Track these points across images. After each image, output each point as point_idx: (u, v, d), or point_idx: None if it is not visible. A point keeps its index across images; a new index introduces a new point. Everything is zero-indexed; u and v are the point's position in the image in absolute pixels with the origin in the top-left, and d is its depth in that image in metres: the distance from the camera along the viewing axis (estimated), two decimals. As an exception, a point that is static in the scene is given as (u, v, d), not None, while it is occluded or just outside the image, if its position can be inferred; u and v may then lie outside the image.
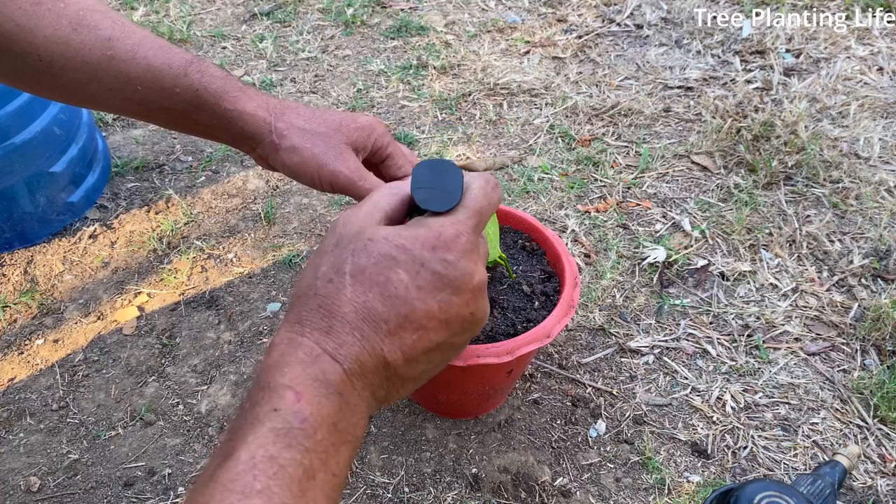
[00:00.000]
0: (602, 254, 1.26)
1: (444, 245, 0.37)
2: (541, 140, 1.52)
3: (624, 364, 1.08)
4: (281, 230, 1.32)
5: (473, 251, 0.39)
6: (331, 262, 0.38)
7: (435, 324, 0.37)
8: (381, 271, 0.37)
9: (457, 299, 0.38)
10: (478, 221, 0.40)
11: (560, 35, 1.88)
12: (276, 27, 1.95)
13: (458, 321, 0.38)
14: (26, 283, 1.21)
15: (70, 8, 0.55)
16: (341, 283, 0.37)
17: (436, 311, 0.37)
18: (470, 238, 0.39)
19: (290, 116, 0.62)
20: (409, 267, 0.37)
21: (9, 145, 1.16)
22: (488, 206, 0.41)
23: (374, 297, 0.36)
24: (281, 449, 0.31)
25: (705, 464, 0.96)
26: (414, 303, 0.36)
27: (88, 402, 1.04)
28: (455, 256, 0.37)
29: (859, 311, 1.15)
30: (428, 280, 0.37)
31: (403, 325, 0.36)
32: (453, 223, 0.39)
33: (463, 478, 0.94)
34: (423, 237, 0.37)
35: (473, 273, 0.38)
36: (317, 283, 0.37)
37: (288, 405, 0.33)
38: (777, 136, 1.46)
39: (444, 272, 0.37)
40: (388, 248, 0.37)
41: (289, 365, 0.34)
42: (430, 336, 0.37)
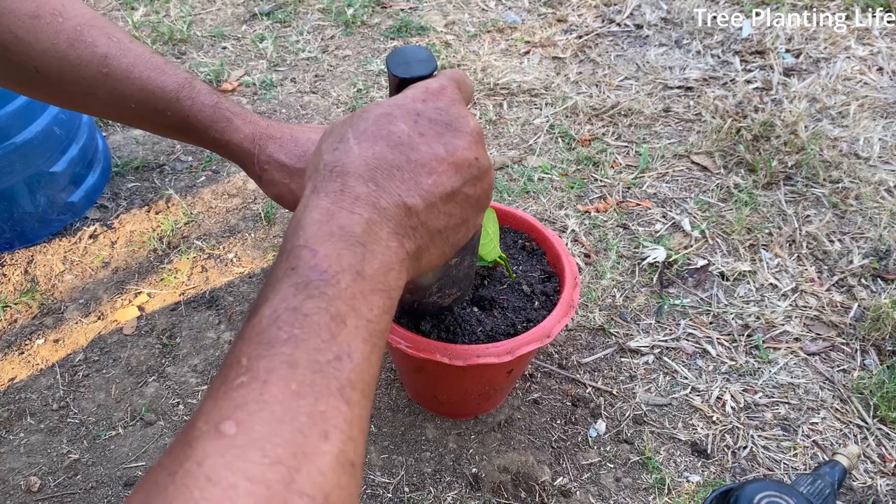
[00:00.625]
0: (602, 254, 1.26)
1: (432, 96, 0.40)
2: (541, 140, 1.52)
3: (624, 364, 1.08)
4: (281, 230, 1.32)
5: (461, 102, 0.41)
6: (332, 138, 0.39)
7: (445, 167, 0.38)
8: (382, 126, 0.38)
9: (459, 142, 0.39)
10: (458, 85, 0.42)
11: (560, 35, 1.88)
12: (276, 27, 1.95)
13: (466, 165, 0.39)
14: (27, 283, 1.21)
15: (69, 23, 0.55)
16: (347, 147, 0.38)
17: (443, 154, 0.38)
18: (455, 91, 0.41)
19: (272, 149, 0.65)
20: (407, 118, 0.38)
21: (9, 145, 1.16)
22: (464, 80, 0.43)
23: (381, 147, 0.37)
24: (303, 300, 0.31)
25: (705, 464, 0.96)
26: (420, 147, 0.38)
27: (89, 401, 1.04)
28: (446, 103, 0.40)
29: (859, 311, 1.15)
30: (427, 126, 0.39)
31: (416, 170, 0.38)
32: (436, 80, 0.41)
33: (463, 477, 0.94)
34: (413, 93, 0.40)
35: (467, 117, 0.40)
36: (324, 157, 0.39)
37: (304, 262, 0.33)
38: (777, 136, 1.46)
39: (439, 118, 0.39)
40: (382, 109, 0.39)
41: (304, 227, 0.35)
42: (444, 180, 0.38)
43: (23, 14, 0.53)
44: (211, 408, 0.27)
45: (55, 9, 0.54)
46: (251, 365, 0.29)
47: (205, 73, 1.73)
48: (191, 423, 0.27)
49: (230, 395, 0.28)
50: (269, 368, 0.29)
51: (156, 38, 1.87)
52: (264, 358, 0.29)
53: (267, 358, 0.29)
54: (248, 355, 0.29)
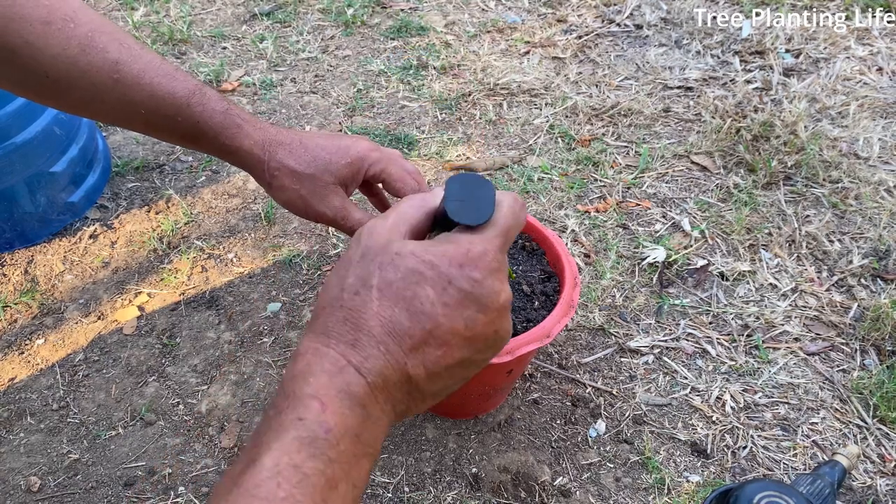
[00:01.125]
0: (602, 254, 1.26)
1: (471, 263, 0.37)
2: (541, 140, 1.52)
3: (624, 364, 1.08)
4: (281, 230, 1.32)
5: (500, 270, 0.39)
6: (357, 274, 0.38)
7: (459, 341, 0.37)
8: (409, 286, 0.37)
9: (482, 317, 0.38)
10: (504, 241, 0.40)
11: (560, 35, 1.88)
12: (276, 27, 1.95)
13: (482, 339, 0.38)
14: (27, 283, 1.21)
15: (80, 29, 0.55)
16: (368, 297, 0.37)
17: (461, 329, 0.37)
18: (496, 256, 0.39)
19: (281, 155, 0.65)
20: (437, 283, 0.37)
21: (9, 145, 1.16)
22: (515, 226, 0.41)
23: (400, 311, 0.36)
24: (305, 458, 0.31)
25: (705, 463, 0.96)
26: (439, 319, 0.36)
27: (89, 401, 1.04)
28: (482, 275, 0.37)
29: (859, 311, 1.15)
30: (454, 297, 0.37)
31: (428, 341, 0.36)
32: (481, 241, 0.38)
33: (463, 477, 0.94)
34: (452, 254, 0.37)
35: (500, 292, 0.38)
36: (343, 296, 0.37)
37: (313, 415, 0.33)
38: (777, 136, 1.46)
39: (470, 290, 0.37)
40: (415, 264, 0.37)
41: (314, 375, 0.34)
42: (454, 353, 0.37)
43: (34, 19, 0.53)
44: None
45: (66, 14, 0.54)
46: None
47: (205, 73, 1.73)
48: None
49: None
50: None
51: (156, 38, 1.88)
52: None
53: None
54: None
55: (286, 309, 1.17)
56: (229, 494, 0.30)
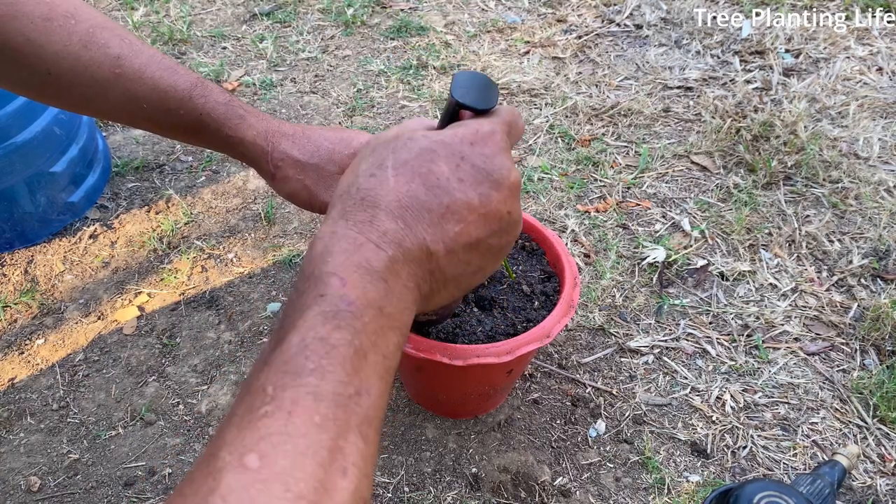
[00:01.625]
0: (602, 254, 1.26)
1: (482, 140, 0.39)
2: (541, 140, 1.52)
3: (624, 364, 1.08)
4: (281, 230, 1.32)
5: (508, 150, 0.40)
6: (371, 160, 0.39)
7: (475, 217, 0.38)
8: (423, 163, 0.37)
9: (496, 194, 0.38)
10: (509, 130, 0.41)
11: (560, 35, 1.88)
12: (276, 27, 1.95)
13: (496, 218, 0.39)
14: (27, 283, 1.21)
15: (81, 25, 0.55)
16: (384, 177, 0.37)
17: (476, 204, 0.38)
18: (504, 138, 0.40)
19: (285, 146, 0.65)
20: (450, 159, 0.38)
21: (9, 145, 1.16)
22: (516, 123, 0.42)
23: (416, 186, 0.37)
24: (331, 330, 0.31)
25: (705, 463, 0.96)
26: (455, 193, 0.37)
27: (89, 401, 1.04)
28: (493, 151, 0.39)
29: (859, 311, 1.15)
30: (468, 172, 0.38)
31: (445, 216, 0.37)
32: (489, 123, 0.40)
33: (463, 477, 0.94)
34: (462, 133, 0.39)
35: (511, 169, 0.39)
36: (359, 180, 0.38)
37: (334, 290, 0.33)
38: (777, 136, 1.46)
39: (483, 165, 0.38)
40: (428, 143, 0.38)
41: (332, 254, 0.35)
42: (471, 230, 0.38)
43: (35, 17, 0.53)
44: (234, 437, 0.28)
45: (67, 11, 0.55)
46: (276, 394, 0.29)
47: (205, 73, 1.73)
48: (213, 452, 0.28)
49: (255, 424, 0.28)
50: (294, 399, 0.29)
51: (156, 38, 1.88)
52: (290, 388, 0.29)
53: (293, 388, 0.29)
54: (274, 384, 0.29)
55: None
56: (260, 373, 0.30)
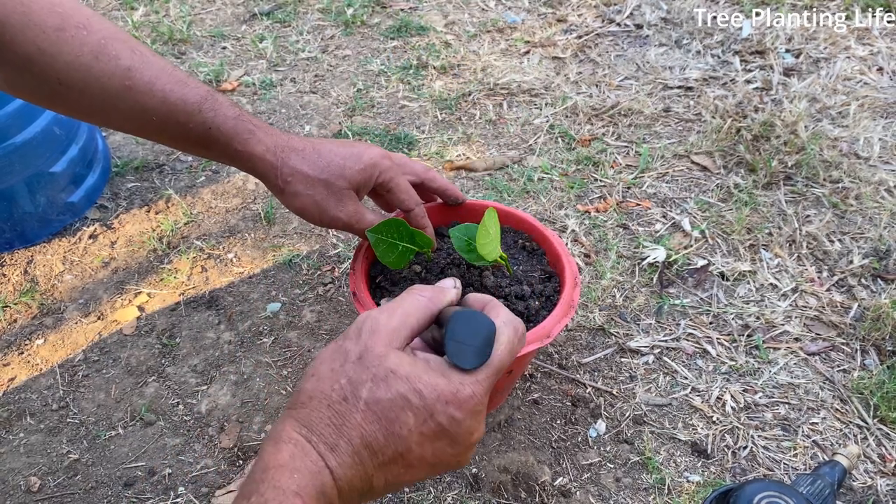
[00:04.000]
0: (602, 254, 1.26)
1: (456, 402, 0.41)
2: (541, 140, 1.52)
3: (624, 364, 1.08)
4: (281, 230, 1.32)
5: (481, 412, 0.43)
6: (350, 377, 0.41)
7: (423, 465, 0.41)
8: (394, 409, 0.40)
9: (450, 450, 0.42)
10: (496, 378, 0.44)
11: (560, 35, 1.88)
12: (276, 27, 1.95)
13: (443, 465, 0.43)
14: (26, 283, 1.21)
15: (93, 36, 0.55)
16: (355, 407, 0.40)
17: (428, 457, 0.41)
18: (482, 400, 0.43)
19: (294, 161, 0.65)
20: (419, 413, 0.40)
21: (9, 145, 1.16)
22: (510, 361, 0.45)
23: (379, 429, 0.39)
24: None
25: (705, 464, 0.96)
26: (412, 446, 0.40)
27: (88, 402, 1.04)
28: (463, 416, 0.41)
29: (859, 311, 1.15)
30: (431, 429, 0.40)
31: (396, 460, 0.40)
32: (472, 384, 0.42)
33: (463, 478, 0.94)
34: (441, 389, 0.41)
35: (474, 432, 0.43)
36: (332, 395, 0.40)
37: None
38: (777, 136, 1.46)
39: (448, 427, 0.41)
40: (406, 390, 0.40)
41: (299, 472, 0.37)
42: (414, 472, 0.42)
43: (47, 27, 0.53)
44: None
45: (80, 22, 0.55)
46: None
47: (205, 73, 1.73)
48: None
49: None
50: None
51: (155, 38, 1.87)
52: None
53: None
54: None
55: (286, 309, 1.17)
56: None
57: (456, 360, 0.42)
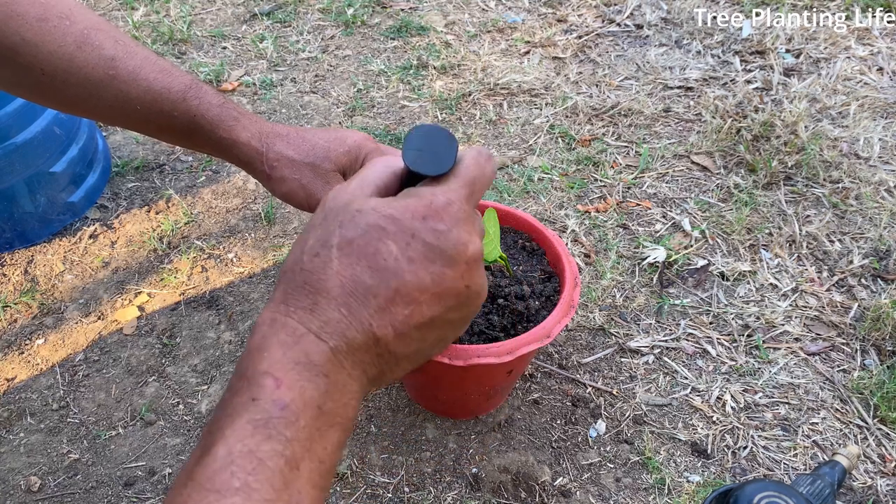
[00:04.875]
0: (602, 254, 1.26)
1: (435, 214, 0.36)
2: (541, 140, 1.52)
3: (624, 364, 1.08)
4: (281, 230, 1.32)
5: (466, 220, 0.37)
6: (318, 235, 0.36)
7: (427, 297, 0.35)
8: (370, 242, 0.35)
9: (450, 271, 0.36)
10: (471, 191, 0.38)
11: (560, 35, 1.88)
12: (276, 27, 1.95)
13: (453, 294, 0.36)
14: (27, 283, 1.21)
15: (76, 26, 0.55)
16: (328, 257, 0.35)
17: (428, 284, 0.35)
18: (462, 207, 0.37)
19: (280, 146, 0.65)
20: (399, 237, 0.35)
21: (9, 145, 1.16)
22: (482, 176, 0.39)
23: (362, 269, 0.35)
24: (259, 441, 0.30)
25: (705, 464, 0.96)
26: (404, 275, 0.35)
27: (89, 401, 1.04)
28: (447, 226, 0.36)
29: (859, 311, 1.15)
30: (419, 251, 0.35)
31: (394, 299, 0.35)
32: (444, 192, 0.37)
33: (463, 477, 0.94)
34: (414, 207, 0.36)
35: (467, 243, 0.36)
36: (303, 259, 0.36)
37: (267, 393, 0.31)
38: (777, 136, 1.46)
39: (435, 242, 0.35)
40: (376, 219, 0.35)
41: (269, 349, 0.33)
42: (423, 310, 0.35)
43: (30, 17, 0.53)
44: None
45: (62, 12, 0.55)
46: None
47: (205, 73, 1.73)
48: None
49: None
50: None
51: (156, 38, 1.88)
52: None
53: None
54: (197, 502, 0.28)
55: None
56: (184, 489, 0.29)
57: (417, 166, 0.38)
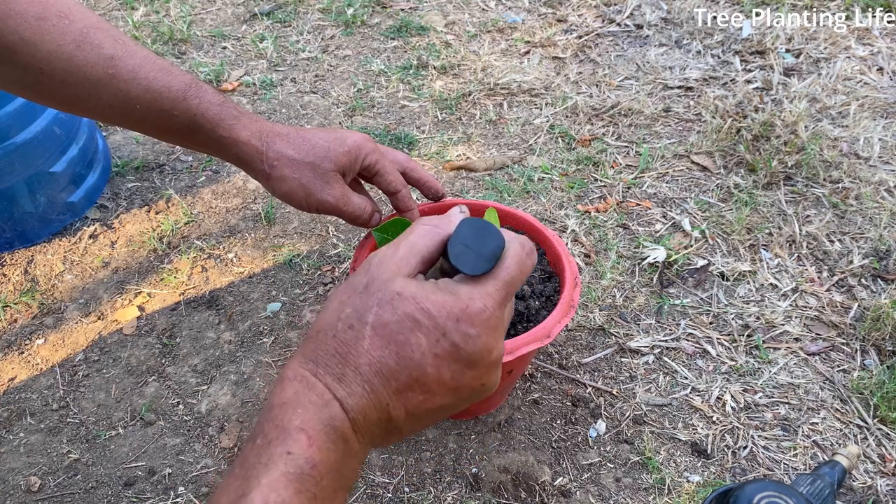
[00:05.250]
0: (602, 254, 1.26)
1: (468, 318, 0.37)
2: (541, 140, 1.52)
3: (624, 364, 1.08)
4: (281, 230, 1.32)
5: (497, 327, 0.39)
6: (356, 306, 0.38)
7: (443, 390, 0.38)
8: (402, 331, 0.37)
9: (470, 372, 0.38)
10: (507, 293, 0.40)
11: (560, 35, 1.88)
12: (276, 27, 1.95)
13: (467, 390, 0.39)
14: (26, 283, 1.21)
15: (75, 25, 0.55)
16: (361, 334, 0.37)
17: (447, 380, 0.38)
18: (495, 313, 0.39)
19: (280, 146, 0.65)
20: (430, 333, 0.37)
21: (9, 145, 1.16)
22: (520, 276, 0.41)
23: (389, 354, 0.37)
24: (292, 494, 0.32)
25: (705, 464, 0.96)
26: (427, 369, 0.37)
27: (89, 401, 1.04)
28: (477, 332, 0.38)
29: (859, 311, 1.15)
30: (445, 350, 0.37)
31: (412, 387, 0.37)
32: (482, 296, 0.38)
33: (463, 478, 0.94)
34: (450, 306, 0.37)
35: (493, 350, 0.39)
36: (338, 325, 0.38)
37: (301, 450, 0.33)
38: (777, 136, 1.46)
39: (462, 345, 0.37)
40: (413, 310, 0.37)
41: (303, 406, 0.35)
42: (436, 399, 0.38)
43: (29, 16, 0.53)
44: None
45: (61, 11, 0.55)
46: None
47: (205, 73, 1.73)
48: None
49: None
50: None
51: (156, 37, 1.87)
52: None
53: None
54: None
55: (286, 309, 1.17)
56: None
57: (459, 264, 0.39)
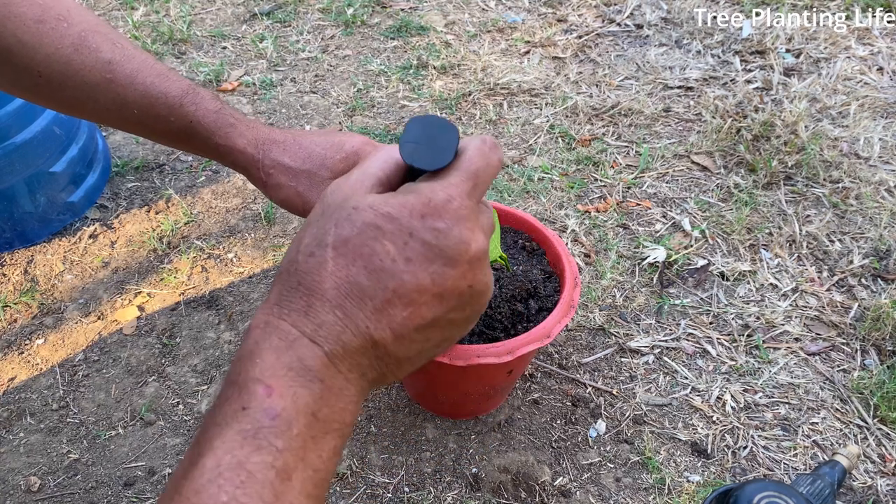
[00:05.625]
0: (602, 254, 1.26)
1: (433, 212, 0.34)
2: (541, 140, 1.52)
3: (624, 364, 1.08)
4: (281, 230, 1.32)
5: (468, 217, 0.35)
6: (313, 233, 0.35)
7: (427, 298, 0.34)
8: (366, 242, 0.33)
9: (451, 271, 0.34)
10: (474, 185, 0.36)
11: (560, 35, 1.88)
12: (276, 27, 1.95)
13: (455, 295, 0.35)
14: (26, 283, 1.21)
15: (73, 28, 0.55)
16: (322, 257, 0.34)
17: (428, 285, 0.34)
18: (464, 203, 0.35)
19: (276, 154, 0.65)
20: (396, 237, 0.33)
21: (9, 145, 1.16)
22: (486, 167, 0.37)
23: (357, 270, 0.33)
24: (249, 453, 0.29)
25: (705, 464, 0.96)
26: (402, 276, 0.33)
27: (88, 401, 1.04)
28: (447, 224, 0.34)
29: (859, 311, 1.15)
30: (417, 251, 0.33)
31: (391, 301, 0.33)
32: (444, 187, 0.35)
33: (463, 477, 0.94)
34: (412, 204, 0.34)
35: (469, 241, 0.35)
36: (298, 258, 0.35)
37: (258, 402, 0.30)
38: (777, 136, 1.46)
39: (434, 242, 0.33)
40: (373, 217, 0.34)
41: (261, 354, 0.32)
42: (423, 312, 0.34)
43: (27, 18, 0.53)
44: None
45: (60, 14, 0.54)
46: None
47: (205, 73, 1.73)
48: None
49: None
50: None
51: (156, 37, 1.87)
52: None
53: None
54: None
55: None
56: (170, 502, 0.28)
57: (414, 160, 0.36)
